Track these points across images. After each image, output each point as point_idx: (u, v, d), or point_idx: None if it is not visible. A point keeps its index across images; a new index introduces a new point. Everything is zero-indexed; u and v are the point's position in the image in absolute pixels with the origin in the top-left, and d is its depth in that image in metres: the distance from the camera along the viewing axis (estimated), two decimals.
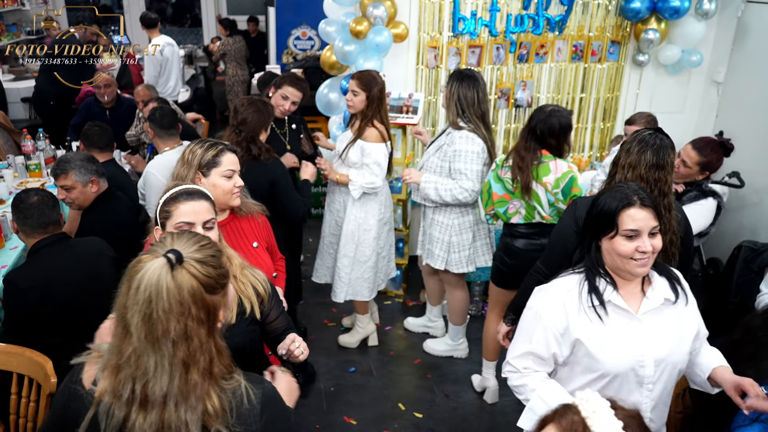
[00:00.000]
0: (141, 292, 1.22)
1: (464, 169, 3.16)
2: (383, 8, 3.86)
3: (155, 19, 6.09)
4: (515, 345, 1.88)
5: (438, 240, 3.37)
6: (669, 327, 1.76)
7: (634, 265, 1.70)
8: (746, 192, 4.17)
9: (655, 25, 4.26)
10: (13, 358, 2.27)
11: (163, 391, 1.24)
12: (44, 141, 4.50)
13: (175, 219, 1.75)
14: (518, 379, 1.85)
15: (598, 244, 1.77)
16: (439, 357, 3.72)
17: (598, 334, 1.73)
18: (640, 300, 1.77)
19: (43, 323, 2.46)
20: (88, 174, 2.88)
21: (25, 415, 2.28)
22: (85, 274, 2.54)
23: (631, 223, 1.69)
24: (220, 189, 2.15)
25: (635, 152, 2.19)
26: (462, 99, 3.16)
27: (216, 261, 1.30)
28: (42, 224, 2.53)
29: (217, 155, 2.15)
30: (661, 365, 1.75)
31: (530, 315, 1.84)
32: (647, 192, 1.86)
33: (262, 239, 2.38)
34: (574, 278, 1.81)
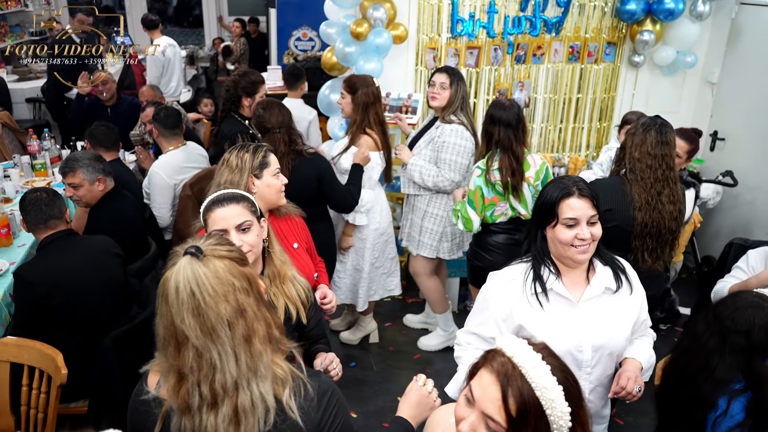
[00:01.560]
0: (182, 291, 1.24)
1: (449, 160, 3.26)
2: (383, 10, 3.93)
3: (156, 20, 6.16)
4: (467, 322, 2.02)
5: (431, 230, 3.46)
6: (608, 315, 1.85)
7: (575, 252, 1.79)
8: (740, 191, 4.24)
9: (651, 26, 4.33)
10: (25, 350, 2.34)
11: (233, 377, 1.26)
12: (49, 141, 4.57)
13: (210, 227, 1.79)
14: (459, 351, 2.01)
15: (543, 234, 1.86)
16: (439, 352, 3.79)
17: (538, 320, 1.82)
18: (584, 288, 1.86)
19: (51, 316, 2.54)
20: (95, 172, 2.95)
21: (36, 406, 2.35)
22: (92, 269, 2.62)
23: (570, 212, 1.78)
24: (273, 188, 2.23)
25: (640, 133, 2.43)
26: (464, 96, 3.30)
27: (228, 241, 1.35)
28: (41, 219, 2.61)
29: (266, 156, 2.23)
30: (598, 351, 1.84)
31: (481, 298, 1.97)
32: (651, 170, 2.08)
33: (302, 240, 2.41)
34: (520, 267, 1.91)
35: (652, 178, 2.46)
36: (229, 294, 1.25)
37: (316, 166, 2.96)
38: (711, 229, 4.65)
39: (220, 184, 2.20)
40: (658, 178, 2.45)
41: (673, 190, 2.48)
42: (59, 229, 2.63)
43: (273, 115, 2.88)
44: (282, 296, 1.85)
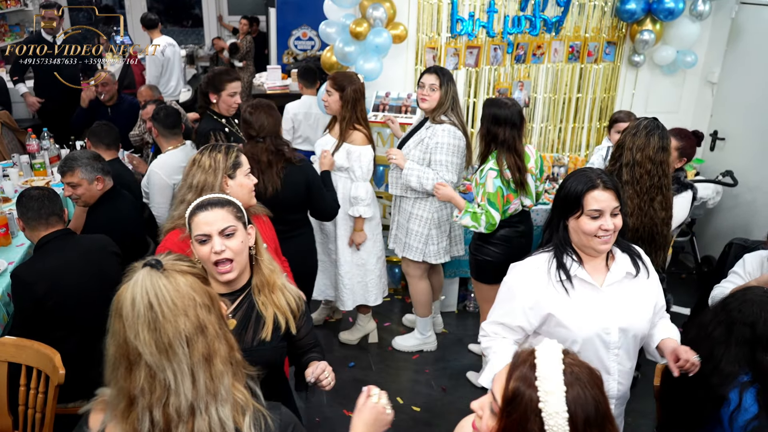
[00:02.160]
0: (138, 303, 1.17)
1: (444, 161, 3.24)
2: (382, 10, 3.93)
3: (155, 20, 6.16)
4: (491, 314, 2.06)
5: (417, 233, 3.44)
6: (630, 298, 1.92)
7: (598, 242, 1.85)
8: (740, 190, 4.24)
9: (650, 26, 4.33)
10: (23, 350, 2.34)
11: (189, 400, 1.18)
12: (49, 140, 4.56)
13: (194, 232, 1.75)
14: (487, 342, 2.04)
15: (565, 224, 1.91)
16: (438, 352, 3.78)
17: (566, 306, 1.88)
18: (605, 274, 1.92)
19: (50, 316, 2.53)
20: (94, 172, 2.95)
21: (34, 405, 2.35)
22: (90, 268, 2.61)
23: (595, 203, 1.83)
24: (246, 188, 2.24)
25: (643, 135, 2.44)
26: (455, 96, 3.30)
27: (190, 259, 1.30)
28: (42, 215, 2.60)
29: (238, 156, 2.23)
30: (624, 332, 1.91)
31: (504, 288, 2.02)
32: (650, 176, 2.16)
33: (270, 240, 2.39)
34: (543, 256, 1.96)
35: (649, 184, 2.49)
36: (189, 309, 1.19)
37: (305, 173, 2.94)
38: (711, 228, 4.64)
39: (193, 186, 2.18)
40: (654, 185, 2.48)
41: (665, 197, 2.53)
42: (57, 228, 2.62)
43: (258, 120, 2.81)
44: (271, 305, 1.81)
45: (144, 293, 1.17)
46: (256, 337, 1.79)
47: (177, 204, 2.24)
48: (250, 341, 1.79)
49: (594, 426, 1.10)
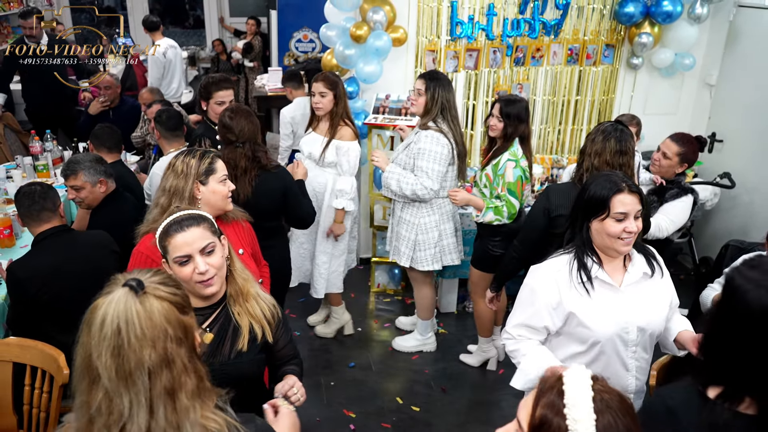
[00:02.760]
0: (107, 325, 1.12)
1: (426, 167, 3.24)
2: (383, 13, 3.96)
3: (157, 22, 6.19)
4: (513, 316, 2.10)
5: (405, 238, 3.47)
6: (648, 297, 1.99)
7: (620, 244, 1.91)
8: (737, 192, 4.26)
9: (649, 29, 4.36)
10: (27, 351, 2.38)
11: (142, 431, 1.14)
12: (52, 142, 4.60)
13: (172, 254, 1.69)
14: (513, 344, 2.07)
15: (588, 225, 1.96)
16: (438, 352, 3.82)
17: (587, 306, 1.94)
18: (623, 274, 1.98)
19: (44, 312, 2.57)
20: (96, 174, 2.98)
21: (38, 405, 2.38)
22: (87, 265, 2.62)
23: (621, 207, 1.89)
24: (219, 194, 2.19)
25: (600, 141, 2.51)
26: (445, 103, 3.24)
27: (176, 282, 1.24)
28: (34, 210, 2.63)
29: (212, 162, 2.20)
30: (642, 331, 1.98)
31: (526, 291, 2.06)
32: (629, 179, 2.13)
33: (247, 245, 2.39)
34: (564, 258, 2.01)
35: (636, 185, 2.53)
36: (158, 340, 1.14)
37: (281, 180, 2.88)
38: (709, 230, 4.67)
39: (165, 189, 2.17)
40: None
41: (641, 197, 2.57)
42: (53, 224, 2.65)
43: (238, 125, 2.76)
44: (246, 315, 1.78)
45: (115, 316, 1.13)
46: (233, 349, 1.77)
47: (152, 207, 2.24)
48: (228, 354, 1.76)
49: None
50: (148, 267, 1.91)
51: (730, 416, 1.30)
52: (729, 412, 1.31)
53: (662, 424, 1.33)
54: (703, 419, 1.31)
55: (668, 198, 3.18)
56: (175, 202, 2.12)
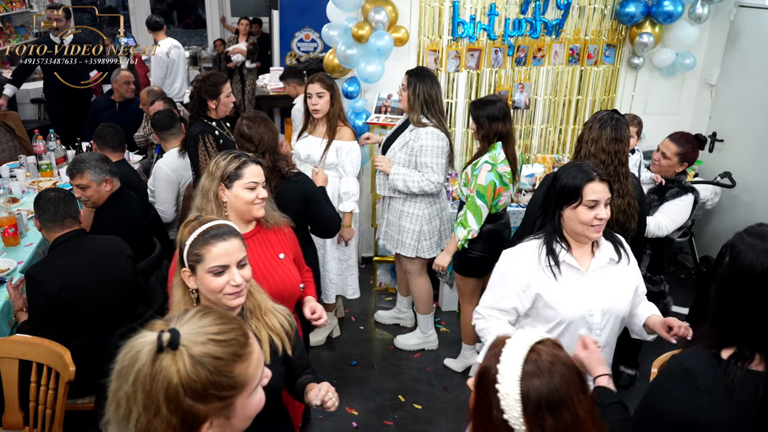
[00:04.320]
0: (118, 362, 1.04)
1: (430, 163, 3.30)
2: (384, 13, 3.97)
3: (160, 22, 6.22)
4: (484, 297, 2.19)
5: (409, 230, 3.51)
6: (613, 282, 2.07)
7: (592, 230, 2.00)
8: (738, 192, 4.28)
9: (650, 29, 4.37)
10: (33, 348, 2.40)
11: None
12: (55, 141, 4.62)
13: (209, 263, 1.63)
14: (483, 323, 2.17)
15: (560, 213, 2.04)
16: (440, 350, 3.84)
17: (554, 289, 2.04)
18: (590, 260, 2.07)
19: (62, 315, 2.59)
20: (102, 173, 3.01)
21: (44, 402, 2.41)
22: (102, 268, 2.68)
23: (593, 194, 1.98)
24: (241, 200, 2.14)
25: (596, 129, 2.61)
26: (427, 98, 3.29)
27: (220, 366, 1.03)
28: (59, 217, 2.67)
29: (240, 167, 2.14)
30: (606, 314, 2.06)
31: (498, 273, 2.17)
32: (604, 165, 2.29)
33: (288, 250, 2.35)
34: (534, 243, 2.10)
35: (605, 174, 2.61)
36: (147, 410, 1.00)
37: (302, 187, 2.82)
38: (709, 229, 4.69)
39: (199, 189, 2.18)
40: (610, 174, 2.60)
41: (623, 185, 2.66)
42: (73, 228, 2.68)
43: (258, 133, 2.70)
44: (264, 328, 1.77)
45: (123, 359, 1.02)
46: None
47: (192, 208, 2.20)
48: None
49: (548, 411, 1.15)
50: None
51: (742, 373, 1.38)
52: (741, 370, 1.39)
53: (681, 385, 1.40)
54: (718, 378, 1.39)
55: (668, 197, 3.20)
56: (205, 204, 2.14)
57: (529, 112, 4.63)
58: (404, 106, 3.39)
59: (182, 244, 1.68)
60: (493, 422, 1.19)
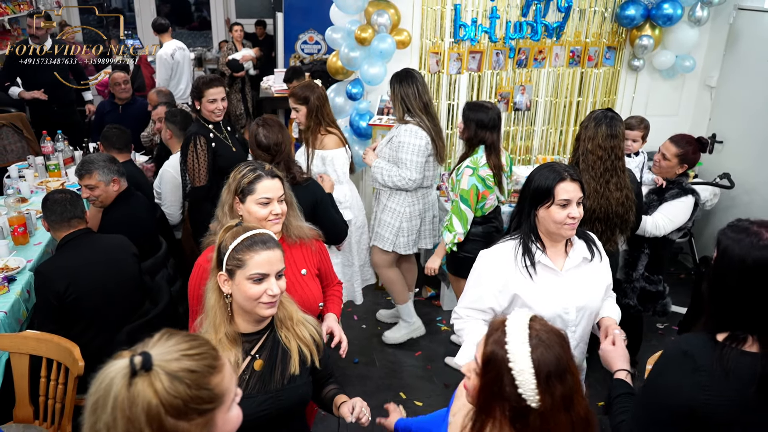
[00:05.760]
0: (91, 395, 1.00)
1: (406, 159, 3.40)
2: (387, 16, 4.03)
3: (166, 24, 6.29)
4: (462, 298, 2.24)
5: (388, 224, 3.60)
6: (586, 280, 2.13)
7: (566, 228, 2.04)
8: (737, 193, 4.32)
9: (650, 31, 4.42)
10: (43, 344, 2.47)
11: None
12: (63, 142, 4.69)
13: (250, 270, 1.63)
14: (461, 324, 2.22)
15: (535, 213, 2.09)
16: (440, 348, 3.89)
17: (531, 288, 2.08)
18: (564, 259, 2.12)
19: (69, 311, 2.66)
20: (110, 174, 3.08)
21: (54, 396, 2.48)
22: (108, 266, 2.74)
23: (564, 194, 2.02)
24: (253, 216, 2.08)
25: (592, 127, 2.72)
26: (405, 97, 3.41)
27: (197, 379, 1.03)
28: (65, 218, 2.75)
29: (253, 182, 2.07)
30: (581, 311, 2.11)
31: (475, 274, 2.20)
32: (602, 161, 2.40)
33: (312, 266, 2.31)
34: (510, 243, 2.14)
35: (602, 169, 2.74)
36: None
37: (311, 194, 2.80)
38: (709, 230, 4.73)
39: (220, 200, 2.14)
40: (607, 168, 2.72)
41: (620, 178, 2.77)
42: (79, 228, 2.75)
43: (275, 143, 2.68)
44: (294, 338, 1.78)
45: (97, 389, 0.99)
46: (285, 374, 1.74)
47: (215, 218, 2.18)
48: (280, 379, 1.74)
49: (556, 378, 1.26)
50: (204, 279, 1.90)
51: (737, 354, 1.46)
52: (736, 351, 1.47)
53: (680, 367, 1.48)
54: (715, 359, 1.47)
55: (668, 197, 3.24)
56: (222, 216, 2.11)
57: (530, 114, 4.68)
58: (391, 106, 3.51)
59: (223, 247, 1.67)
60: (505, 398, 1.28)
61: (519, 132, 4.72)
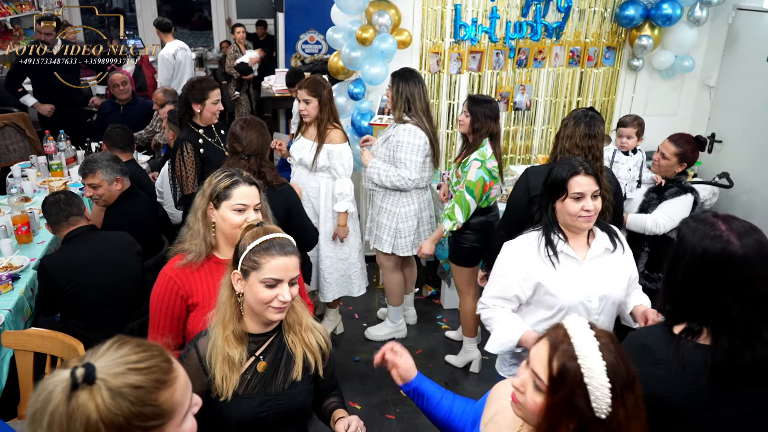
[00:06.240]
0: (29, 407, 0.95)
1: (404, 159, 3.42)
2: (388, 16, 4.05)
3: (170, 23, 6.32)
4: (488, 288, 2.31)
5: (386, 226, 3.63)
6: (609, 270, 2.18)
7: (581, 221, 2.10)
8: (735, 192, 4.34)
9: (649, 31, 4.44)
10: (48, 341, 2.50)
11: None
12: (65, 142, 4.72)
13: (264, 273, 1.61)
14: (488, 313, 2.27)
15: (553, 206, 2.17)
16: (442, 346, 3.91)
17: (554, 277, 2.15)
18: (587, 250, 2.18)
19: (69, 305, 2.72)
20: (113, 173, 3.11)
21: None
22: (111, 262, 2.79)
23: (577, 187, 2.08)
24: (228, 223, 1.98)
25: (571, 125, 2.73)
26: (410, 96, 3.42)
27: (141, 395, 0.97)
28: (63, 217, 2.81)
29: (229, 187, 1.99)
30: (603, 300, 2.17)
31: (500, 264, 2.27)
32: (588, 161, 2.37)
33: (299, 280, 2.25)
34: (534, 234, 2.22)
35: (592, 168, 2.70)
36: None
37: (285, 199, 2.80)
38: None
39: (193, 207, 2.05)
40: None
41: (599, 179, 2.77)
42: (81, 225, 2.79)
43: (248, 136, 2.71)
44: (300, 344, 1.76)
45: (35, 402, 0.94)
46: (287, 379, 1.73)
47: (185, 225, 2.10)
48: (281, 384, 1.73)
49: (628, 389, 1.22)
50: (170, 291, 1.96)
51: (692, 347, 1.49)
52: (691, 344, 1.50)
53: (637, 358, 1.47)
54: (671, 351, 1.49)
55: (667, 196, 3.28)
56: (194, 222, 2.02)
57: (530, 114, 4.70)
58: (387, 105, 3.53)
59: (241, 246, 1.65)
60: (576, 413, 1.22)
61: (519, 132, 4.74)
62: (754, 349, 1.43)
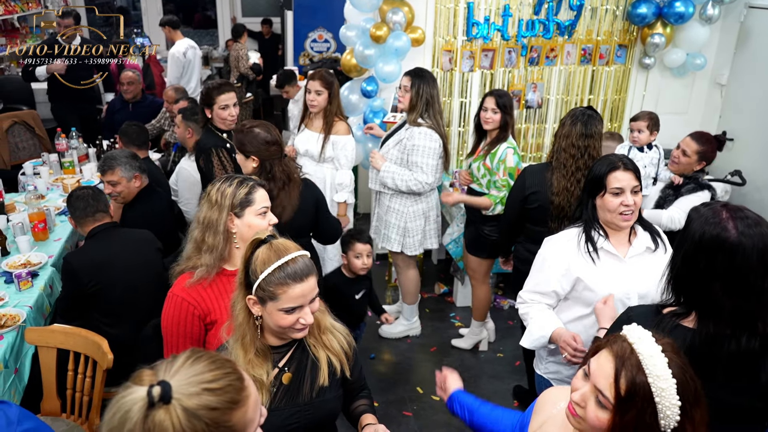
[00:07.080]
0: (105, 424, 0.96)
1: (421, 163, 3.40)
2: (402, 14, 4.05)
3: (179, 21, 6.32)
4: (527, 283, 2.31)
5: (394, 225, 3.64)
6: (650, 268, 2.14)
7: (620, 218, 2.09)
8: (748, 189, 4.34)
9: (661, 29, 4.44)
10: (71, 338, 2.50)
11: None
12: (77, 140, 4.72)
13: (283, 303, 1.51)
14: (525, 308, 2.29)
15: (593, 202, 2.16)
16: (450, 345, 3.92)
17: (593, 273, 2.14)
18: (627, 248, 2.17)
19: (91, 300, 2.73)
20: (132, 170, 3.11)
21: (81, 389, 2.51)
22: (133, 258, 2.79)
23: (616, 182, 2.07)
24: (255, 229, 1.90)
25: (568, 124, 2.74)
26: (430, 98, 3.39)
27: (217, 417, 0.97)
28: (89, 213, 2.81)
29: (250, 192, 1.94)
30: (643, 298, 2.13)
31: (539, 259, 2.27)
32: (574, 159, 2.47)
33: None
34: (574, 230, 2.21)
35: (574, 167, 2.73)
36: None
37: (313, 190, 2.76)
38: None
39: (199, 221, 1.96)
40: (579, 167, 2.71)
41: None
42: (104, 221, 2.80)
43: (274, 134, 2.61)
44: (322, 348, 1.67)
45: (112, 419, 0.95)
46: (314, 387, 1.65)
47: (187, 242, 2.03)
48: (309, 393, 1.65)
49: (696, 405, 1.19)
50: (185, 312, 1.87)
51: (672, 326, 1.53)
52: (672, 323, 1.54)
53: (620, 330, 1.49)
54: (650, 326, 1.45)
55: (684, 192, 3.29)
56: (208, 237, 1.93)
57: (541, 112, 4.71)
58: (403, 106, 3.48)
59: (252, 273, 1.52)
60: (646, 431, 1.19)
61: (530, 129, 4.75)
62: (740, 340, 1.46)
